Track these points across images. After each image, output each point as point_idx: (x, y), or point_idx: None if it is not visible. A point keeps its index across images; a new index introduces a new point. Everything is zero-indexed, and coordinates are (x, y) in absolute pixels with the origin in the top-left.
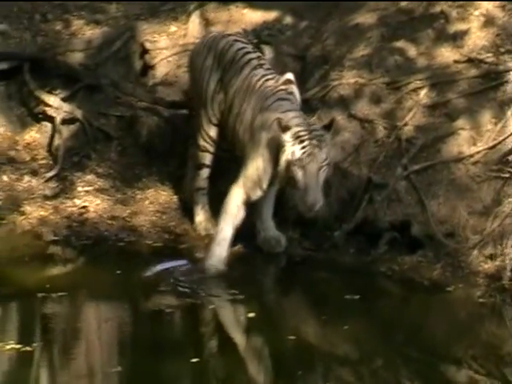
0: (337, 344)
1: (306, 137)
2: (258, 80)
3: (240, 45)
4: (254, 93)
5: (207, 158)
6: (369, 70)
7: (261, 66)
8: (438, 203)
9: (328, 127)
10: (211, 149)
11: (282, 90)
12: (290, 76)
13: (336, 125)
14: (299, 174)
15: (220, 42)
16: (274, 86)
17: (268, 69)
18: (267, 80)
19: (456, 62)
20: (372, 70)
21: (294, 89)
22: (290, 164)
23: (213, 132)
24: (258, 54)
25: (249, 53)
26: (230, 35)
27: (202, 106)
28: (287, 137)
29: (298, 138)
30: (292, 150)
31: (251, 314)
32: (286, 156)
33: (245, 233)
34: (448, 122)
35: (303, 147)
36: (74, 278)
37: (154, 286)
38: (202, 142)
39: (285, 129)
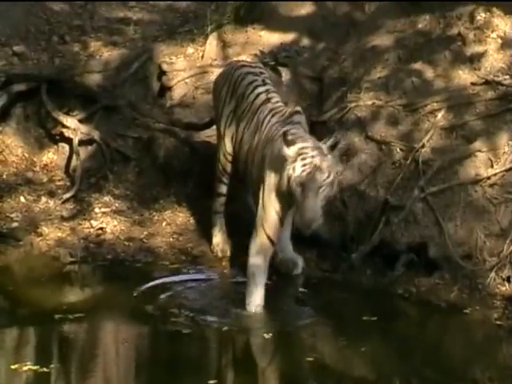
0: (355, 365)
1: (309, 154)
2: (266, 116)
3: (251, 78)
4: (263, 130)
5: (223, 188)
6: (386, 91)
7: (269, 100)
8: (455, 225)
9: (333, 147)
10: (226, 181)
11: (288, 121)
12: (297, 108)
13: (353, 147)
14: (298, 190)
15: (234, 73)
16: (281, 119)
17: (276, 102)
18: (274, 115)
19: (473, 84)
20: (389, 92)
21: (302, 119)
22: (289, 180)
23: (228, 167)
24: (267, 87)
25: (258, 86)
26: (243, 66)
27: (220, 138)
28: (290, 152)
29: (300, 154)
30: (293, 165)
31: (268, 335)
32: (287, 171)
33: None
34: (465, 144)
35: (304, 164)
36: (91, 299)
37: (170, 308)
38: (218, 173)
39: (289, 143)
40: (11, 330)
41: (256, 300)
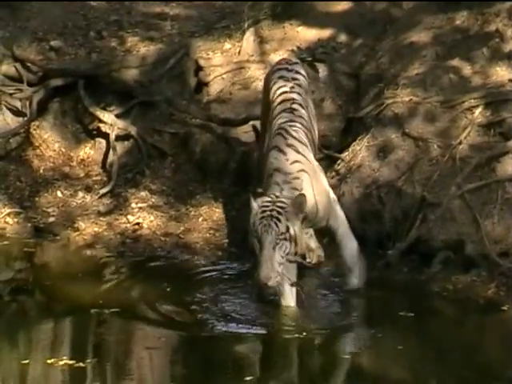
0: (391, 364)
1: (268, 208)
2: (278, 125)
3: (281, 83)
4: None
5: None
6: (423, 88)
7: (292, 110)
8: (493, 222)
9: (297, 204)
10: None
11: (288, 143)
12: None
13: (390, 143)
14: (256, 245)
15: (271, 76)
16: (284, 137)
17: (297, 115)
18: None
19: (511, 80)
20: (426, 89)
21: (299, 145)
22: (250, 233)
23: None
24: (293, 95)
25: (285, 93)
26: (279, 69)
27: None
28: (254, 205)
29: (260, 207)
30: (254, 219)
31: (304, 334)
32: (250, 225)
33: None
34: (503, 140)
35: (261, 217)
36: (126, 294)
37: (208, 307)
38: None
39: (255, 196)
40: (47, 324)
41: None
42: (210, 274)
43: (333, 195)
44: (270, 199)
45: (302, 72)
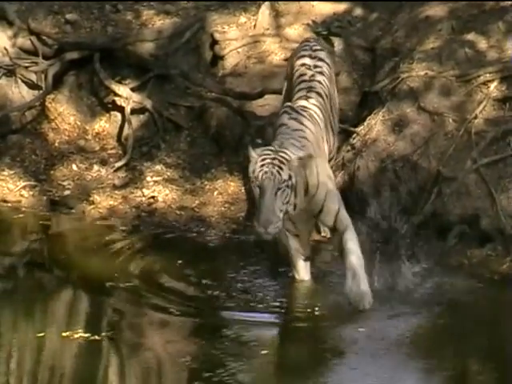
0: (407, 338)
1: (269, 156)
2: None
3: (302, 70)
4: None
5: None
6: (439, 62)
7: (307, 97)
8: (508, 197)
9: (300, 158)
10: None
11: (293, 116)
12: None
13: (405, 117)
14: (256, 192)
15: (296, 59)
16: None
17: (311, 104)
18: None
19: None
20: (442, 63)
21: (304, 119)
22: (250, 181)
23: None
24: (311, 84)
25: (304, 81)
26: (302, 56)
27: None
28: (253, 153)
29: (260, 155)
30: (253, 167)
31: (316, 309)
32: (249, 173)
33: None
34: None
35: (262, 165)
36: (141, 267)
37: (221, 282)
38: None
39: (255, 146)
40: (63, 297)
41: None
42: (225, 247)
43: (338, 195)
44: (271, 149)
45: (325, 58)
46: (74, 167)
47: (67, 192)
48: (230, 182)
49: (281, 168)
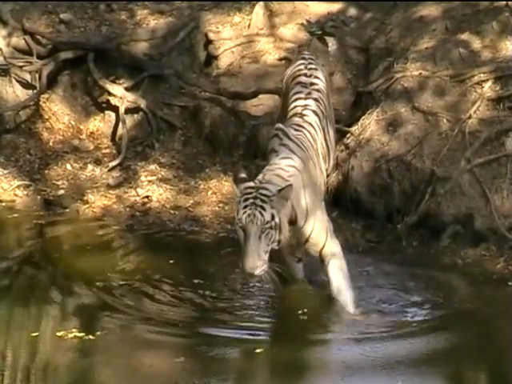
0: (404, 335)
1: (251, 195)
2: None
3: (298, 89)
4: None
5: None
6: (433, 62)
7: (302, 115)
8: (502, 197)
9: (280, 190)
10: None
11: (283, 142)
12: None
13: (399, 117)
14: (240, 234)
15: (291, 81)
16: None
17: (307, 120)
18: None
19: None
20: (436, 63)
21: (294, 147)
22: (234, 223)
23: None
24: (307, 102)
25: (299, 99)
26: (298, 75)
27: None
28: (237, 191)
29: (243, 194)
30: (237, 208)
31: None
32: (234, 213)
33: None
34: None
35: (245, 206)
36: (134, 267)
37: (214, 281)
38: None
39: (237, 182)
40: (56, 297)
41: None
42: (219, 247)
43: (329, 225)
44: (252, 185)
45: (321, 76)
46: (69, 167)
47: (61, 191)
48: (223, 182)
49: (263, 208)
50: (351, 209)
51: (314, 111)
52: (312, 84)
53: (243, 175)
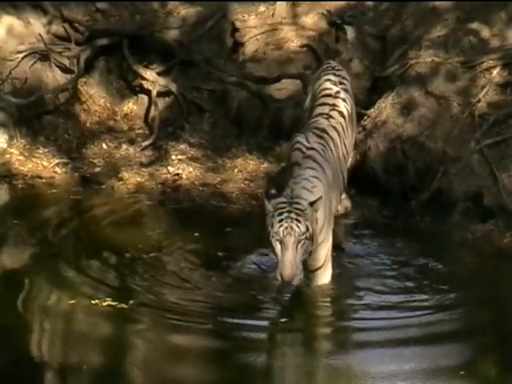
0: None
1: (285, 209)
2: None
3: (327, 85)
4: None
5: None
6: (445, 49)
7: (328, 117)
8: (509, 175)
9: (312, 204)
10: None
11: (306, 155)
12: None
13: (413, 101)
14: (277, 247)
15: (319, 79)
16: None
17: (329, 125)
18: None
19: None
20: (448, 50)
21: (318, 157)
22: (269, 235)
23: None
24: (335, 101)
25: (328, 96)
26: (327, 73)
27: None
28: (269, 206)
29: (277, 209)
30: (271, 221)
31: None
32: (267, 226)
33: None
34: None
35: (280, 220)
36: (165, 239)
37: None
38: None
39: (268, 197)
40: (92, 267)
41: None
42: (245, 221)
43: (330, 241)
44: (284, 200)
45: (347, 77)
46: (104, 146)
47: (98, 169)
48: (249, 161)
49: (298, 221)
50: (368, 186)
51: (340, 112)
52: (341, 83)
53: (273, 191)
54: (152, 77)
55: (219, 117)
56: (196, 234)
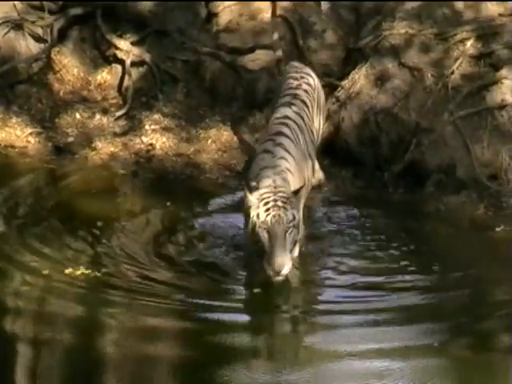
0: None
1: (271, 198)
2: (273, 119)
3: (289, 81)
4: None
5: None
6: (418, 21)
7: (290, 104)
8: (482, 147)
9: (296, 192)
10: None
11: (271, 139)
12: (280, 129)
13: (387, 72)
14: (265, 237)
15: (283, 78)
16: (269, 133)
17: (294, 111)
18: (274, 122)
19: (501, 15)
20: (422, 22)
21: (285, 141)
22: (255, 226)
23: None
24: (296, 92)
25: (290, 89)
26: (290, 72)
27: None
28: (252, 198)
29: (262, 199)
30: (257, 212)
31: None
32: (252, 218)
33: None
34: (492, 71)
35: (267, 209)
36: (138, 209)
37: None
38: None
39: (252, 190)
40: (65, 236)
41: None
42: (217, 191)
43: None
44: (268, 190)
45: (312, 73)
46: (78, 116)
47: (71, 139)
48: (223, 131)
49: (286, 208)
50: (341, 158)
51: (302, 101)
52: (302, 77)
53: (254, 183)
54: (126, 46)
55: (193, 87)
56: (168, 204)
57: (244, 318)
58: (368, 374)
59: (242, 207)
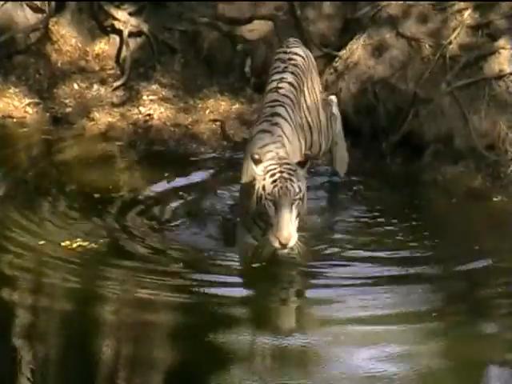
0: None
1: (277, 170)
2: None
3: (277, 64)
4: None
5: None
6: None
7: (277, 89)
8: (480, 117)
9: (302, 164)
10: None
11: (267, 120)
12: (277, 110)
13: (385, 43)
14: (271, 209)
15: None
16: (264, 114)
17: (282, 94)
18: (266, 107)
19: None
20: None
21: (281, 121)
22: (261, 198)
23: None
24: (283, 75)
25: (277, 73)
26: (278, 52)
27: None
28: (258, 170)
29: (268, 171)
30: (263, 184)
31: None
32: (257, 190)
33: None
34: (490, 41)
35: (274, 181)
36: (135, 179)
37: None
38: None
39: (257, 162)
40: (61, 207)
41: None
42: (215, 161)
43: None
44: (273, 162)
45: (300, 53)
46: (75, 86)
47: (69, 109)
48: (220, 102)
49: (292, 180)
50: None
51: (290, 83)
52: (290, 59)
53: (258, 157)
54: (123, 17)
55: (190, 57)
56: (166, 175)
57: (242, 291)
58: (367, 337)
59: (239, 179)
